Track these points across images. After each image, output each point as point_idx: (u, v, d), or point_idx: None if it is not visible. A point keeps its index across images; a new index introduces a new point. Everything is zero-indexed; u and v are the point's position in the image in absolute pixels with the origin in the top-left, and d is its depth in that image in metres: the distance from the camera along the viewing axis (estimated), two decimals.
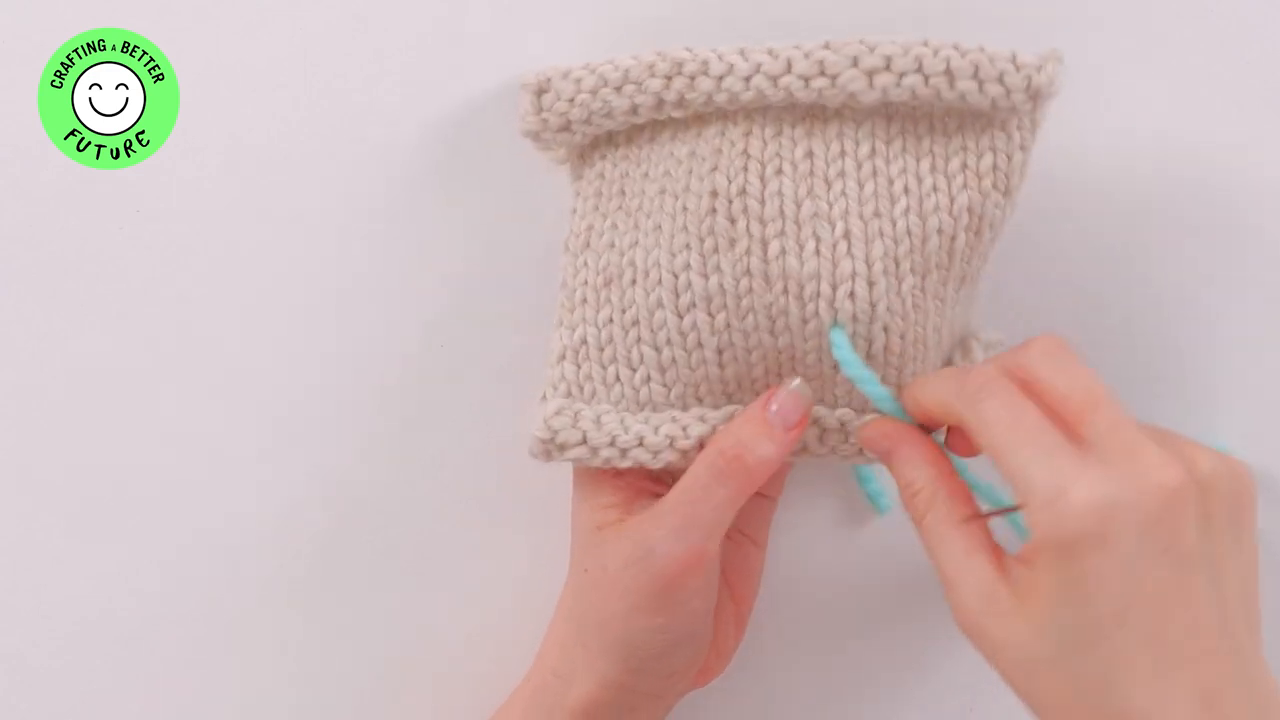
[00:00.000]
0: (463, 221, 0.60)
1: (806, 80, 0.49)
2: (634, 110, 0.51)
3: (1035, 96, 0.50)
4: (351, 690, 0.61)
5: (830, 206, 0.50)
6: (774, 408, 0.51)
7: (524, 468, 0.57)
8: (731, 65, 0.50)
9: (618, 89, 0.51)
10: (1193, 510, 0.43)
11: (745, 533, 0.56)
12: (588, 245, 0.53)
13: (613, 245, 0.52)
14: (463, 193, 0.60)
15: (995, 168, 0.51)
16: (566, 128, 0.52)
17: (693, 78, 0.50)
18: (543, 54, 0.59)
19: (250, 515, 0.60)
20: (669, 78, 0.50)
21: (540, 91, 0.52)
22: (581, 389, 0.53)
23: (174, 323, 0.59)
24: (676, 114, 0.51)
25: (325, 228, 0.59)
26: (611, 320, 0.52)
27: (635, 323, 0.52)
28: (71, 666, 0.60)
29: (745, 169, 0.50)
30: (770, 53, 0.50)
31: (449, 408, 0.60)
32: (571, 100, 0.52)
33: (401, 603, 0.61)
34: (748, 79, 0.50)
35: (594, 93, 0.51)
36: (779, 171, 0.50)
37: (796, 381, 0.51)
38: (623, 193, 0.53)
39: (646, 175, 0.52)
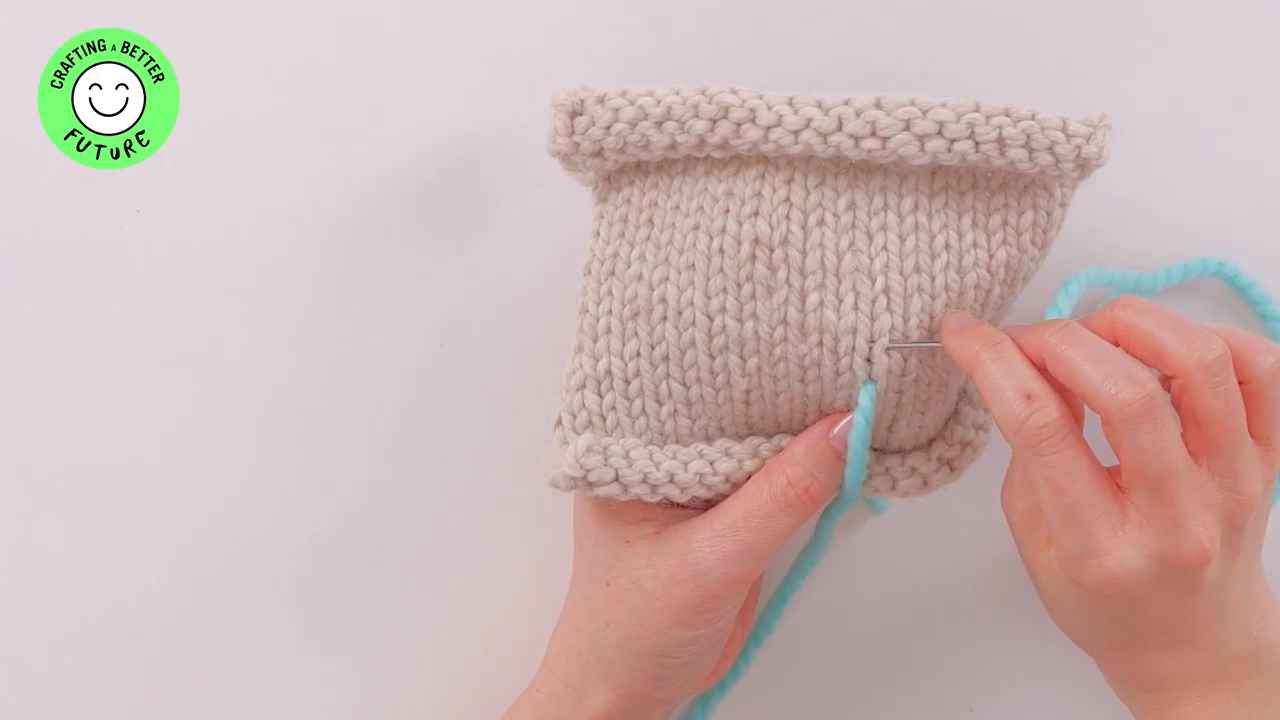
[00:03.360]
0: (463, 221, 0.60)
1: (857, 140, 0.49)
2: (673, 147, 0.50)
3: (1083, 166, 0.50)
4: (352, 692, 0.61)
5: (871, 261, 0.50)
6: (836, 432, 0.51)
7: (524, 470, 0.57)
8: (781, 117, 0.49)
9: (659, 124, 0.50)
10: (1215, 564, 0.46)
11: None
12: (613, 273, 0.52)
13: (640, 277, 0.51)
14: (463, 192, 0.60)
15: (1035, 224, 0.51)
16: (599, 153, 0.51)
17: (739, 124, 0.49)
18: (544, 54, 0.60)
19: (249, 516, 0.60)
20: (714, 121, 0.49)
21: (574, 114, 0.51)
22: (604, 419, 0.52)
23: (174, 323, 0.59)
24: (718, 154, 0.50)
25: (325, 228, 0.59)
26: (639, 354, 0.51)
27: (665, 359, 0.51)
28: (71, 666, 0.60)
29: (788, 218, 0.50)
30: (820, 106, 0.49)
31: (449, 409, 0.60)
32: (608, 128, 0.50)
33: (402, 606, 0.61)
34: (796, 133, 0.49)
35: (633, 125, 0.50)
36: (821, 222, 0.50)
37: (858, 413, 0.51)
38: (651, 222, 0.52)
39: (678, 208, 0.51)
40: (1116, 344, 0.48)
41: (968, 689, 0.62)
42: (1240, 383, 0.47)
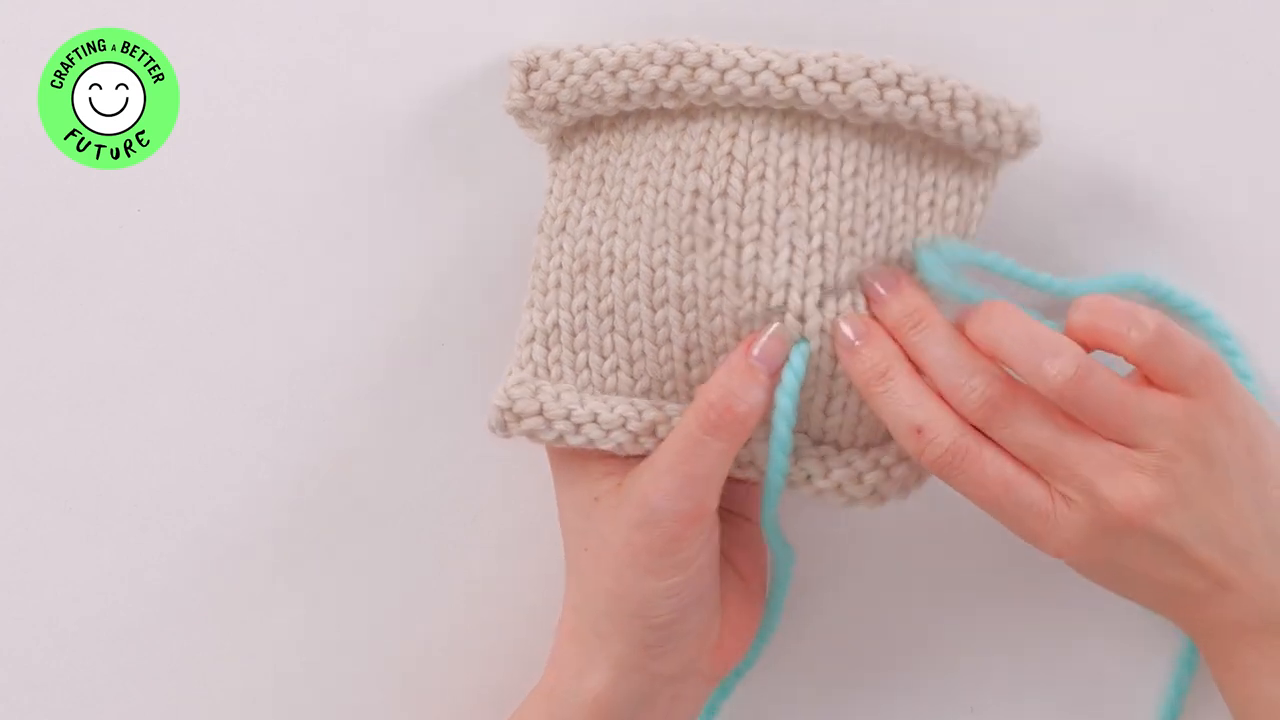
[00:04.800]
0: (465, 220, 0.60)
1: (816, 83, 0.49)
2: (627, 97, 0.51)
3: (1023, 141, 0.52)
4: (353, 692, 0.61)
5: (810, 218, 0.50)
6: (756, 352, 0.50)
7: (524, 470, 0.57)
8: (738, 59, 0.50)
9: (613, 74, 0.51)
10: (1172, 513, 0.48)
11: (739, 512, 0.56)
12: (564, 229, 0.53)
13: (590, 232, 0.52)
14: (465, 192, 0.60)
15: (959, 210, 0.52)
16: (554, 108, 0.52)
17: (694, 69, 0.50)
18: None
19: (249, 515, 0.60)
20: (669, 66, 0.50)
21: (529, 70, 0.52)
22: (549, 371, 0.53)
23: (174, 322, 0.59)
24: (670, 104, 0.51)
25: (324, 227, 0.60)
26: (586, 307, 0.52)
27: (610, 312, 0.52)
28: (71, 666, 0.60)
29: (729, 171, 0.50)
30: (778, 52, 0.50)
31: (448, 408, 0.60)
32: (562, 81, 0.52)
33: (402, 606, 0.61)
34: (754, 74, 0.50)
35: (587, 76, 0.51)
36: (761, 177, 0.50)
37: (775, 325, 0.50)
38: (602, 179, 0.53)
39: (628, 164, 0.52)
40: None
41: (968, 689, 0.62)
42: (1124, 357, 0.49)
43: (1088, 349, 0.49)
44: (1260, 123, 0.60)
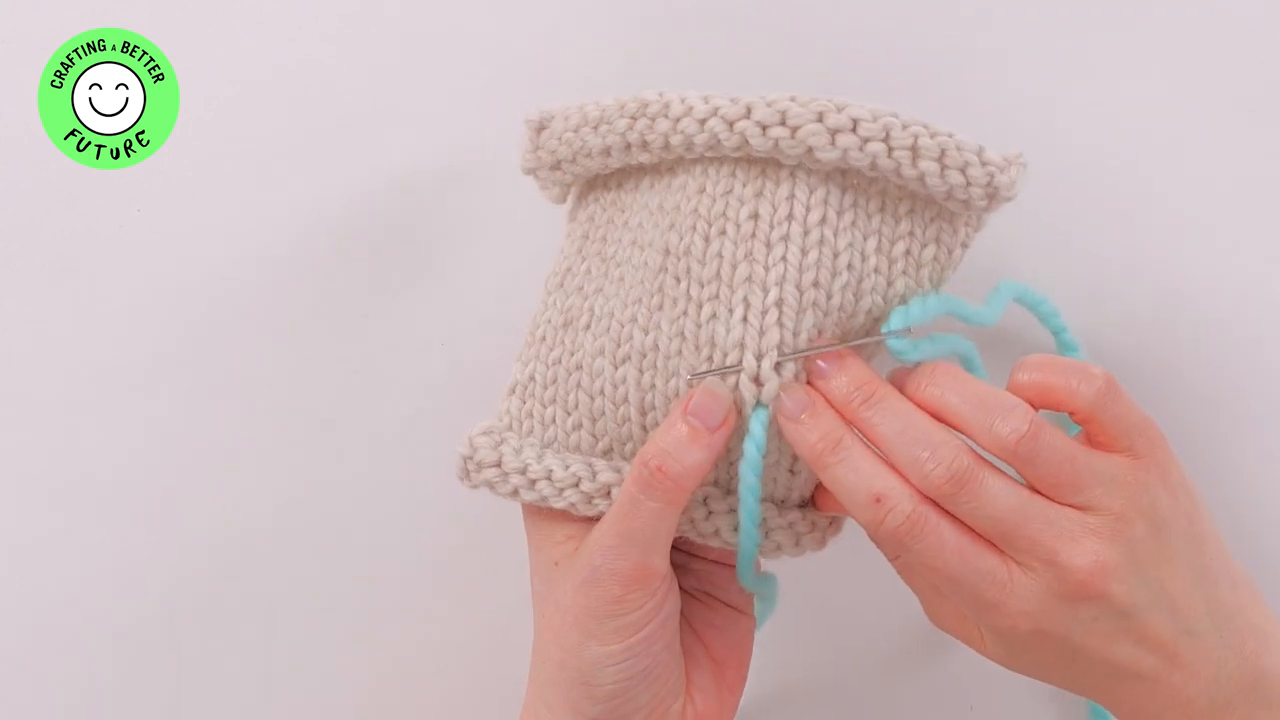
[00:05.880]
0: (465, 219, 0.60)
1: (764, 128, 0.47)
2: (607, 151, 0.50)
3: (993, 196, 0.49)
4: (352, 693, 0.61)
5: (766, 272, 0.48)
6: (691, 406, 0.48)
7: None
8: (690, 108, 0.48)
9: (594, 128, 0.50)
10: (1127, 582, 0.47)
11: (717, 595, 0.54)
12: (561, 285, 0.53)
13: (581, 289, 0.52)
14: (466, 191, 0.60)
15: (935, 259, 0.50)
16: (557, 166, 0.52)
17: (654, 119, 0.49)
18: (547, 54, 0.60)
19: (249, 515, 0.60)
20: (634, 118, 0.49)
21: (540, 128, 0.52)
22: (520, 425, 0.52)
23: (174, 322, 0.60)
24: (642, 157, 0.50)
25: (326, 227, 0.60)
26: (559, 361, 0.52)
27: (579, 367, 0.51)
28: (70, 666, 0.60)
29: (693, 228, 0.49)
30: (732, 99, 0.48)
31: (449, 408, 0.60)
32: (560, 138, 0.51)
33: (401, 608, 0.61)
34: (702, 121, 0.48)
35: (576, 131, 0.51)
36: (722, 232, 0.49)
37: (708, 379, 0.49)
38: (604, 239, 0.52)
39: (625, 223, 0.52)
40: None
41: (968, 688, 0.62)
42: (1071, 413, 0.48)
43: (1034, 408, 0.48)
44: (1260, 122, 0.60)
